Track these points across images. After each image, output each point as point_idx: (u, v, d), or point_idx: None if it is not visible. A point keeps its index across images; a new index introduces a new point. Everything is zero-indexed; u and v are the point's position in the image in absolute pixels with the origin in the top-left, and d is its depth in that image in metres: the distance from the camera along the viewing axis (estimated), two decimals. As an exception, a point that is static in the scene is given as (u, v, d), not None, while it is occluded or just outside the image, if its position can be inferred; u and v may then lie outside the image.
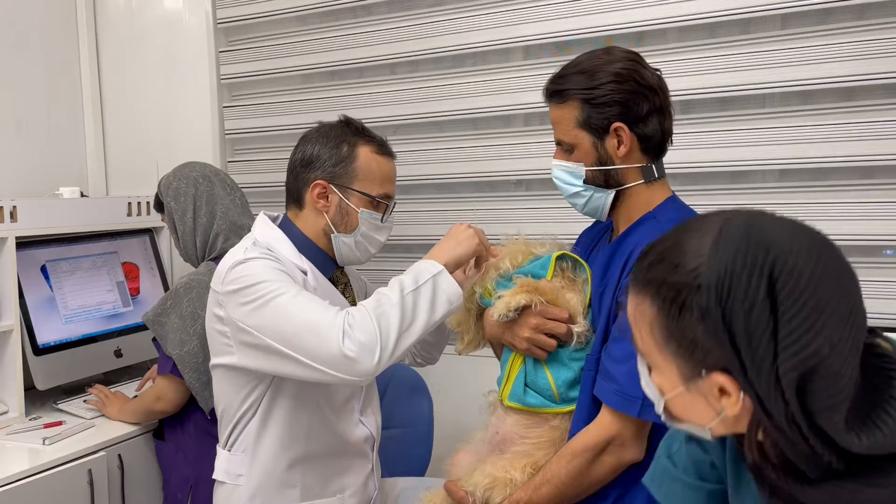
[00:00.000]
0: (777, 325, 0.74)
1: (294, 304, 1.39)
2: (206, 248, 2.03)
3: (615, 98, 1.32)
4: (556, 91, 1.38)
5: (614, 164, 1.36)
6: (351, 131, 1.62)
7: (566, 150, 1.40)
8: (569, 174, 1.40)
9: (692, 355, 0.80)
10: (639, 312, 0.85)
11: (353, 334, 1.33)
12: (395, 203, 1.66)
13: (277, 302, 1.40)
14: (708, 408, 0.82)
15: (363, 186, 1.59)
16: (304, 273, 1.57)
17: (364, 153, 1.60)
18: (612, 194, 1.38)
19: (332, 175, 1.59)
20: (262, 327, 1.41)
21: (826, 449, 0.76)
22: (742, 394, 0.78)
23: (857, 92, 1.87)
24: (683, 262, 0.80)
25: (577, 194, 1.41)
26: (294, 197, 1.64)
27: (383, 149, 1.64)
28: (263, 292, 1.42)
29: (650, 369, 0.87)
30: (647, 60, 1.38)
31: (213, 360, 1.59)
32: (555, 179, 1.43)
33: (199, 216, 2.02)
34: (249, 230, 2.01)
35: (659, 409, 0.88)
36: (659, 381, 0.86)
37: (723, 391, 0.79)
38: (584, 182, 1.38)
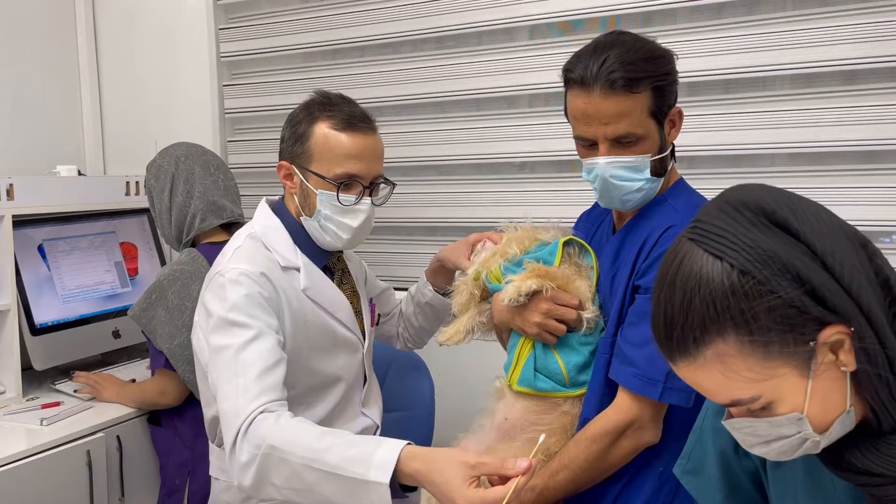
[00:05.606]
0: (813, 249, 0.76)
1: (237, 361, 1.35)
2: (184, 228, 1.98)
3: (675, 80, 1.30)
4: (631, 79, 1.23)
5: (666, 150, 1.33)
6: (316, 106, 1.52)
7: (627, 143, 1.27)
8: (630, 170, 1.28)
9: (791, 340, 0.75)
10: (717, 364, 0.76)
11: (243, 446, 1.26)
12: (373, 185, 1.53)
13: (227, 353, 1.37)
14: (835, 385, 0.77)
15: (318, 167, 1.49)
16: (297, 270, 1.53)
17: (320, 130, 1.49)
18: (661, 181, 1.34)
19: (292, 155, 1.53)
20: (211, 352, 1.42)
21: None
22: (848, 334, 0.75)
23: (861, 75, 1.84)
24: (708, 281, 0.75)
25: (638, 190, 1.30)
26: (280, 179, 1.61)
27: (346, 123, 1.49)
28: (224, 330, 1.39)
29: (772, 410, 0.78)
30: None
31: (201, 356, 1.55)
32: (613, 181, 1.29)
33: (176, 194, 1.97)
34: (231, 213, 2.00)
35: (810, 434, 0.78)
36: (788, 406, 0.78)
37: (833, 348, 0.76)
38: (650, 174, 1.29)
